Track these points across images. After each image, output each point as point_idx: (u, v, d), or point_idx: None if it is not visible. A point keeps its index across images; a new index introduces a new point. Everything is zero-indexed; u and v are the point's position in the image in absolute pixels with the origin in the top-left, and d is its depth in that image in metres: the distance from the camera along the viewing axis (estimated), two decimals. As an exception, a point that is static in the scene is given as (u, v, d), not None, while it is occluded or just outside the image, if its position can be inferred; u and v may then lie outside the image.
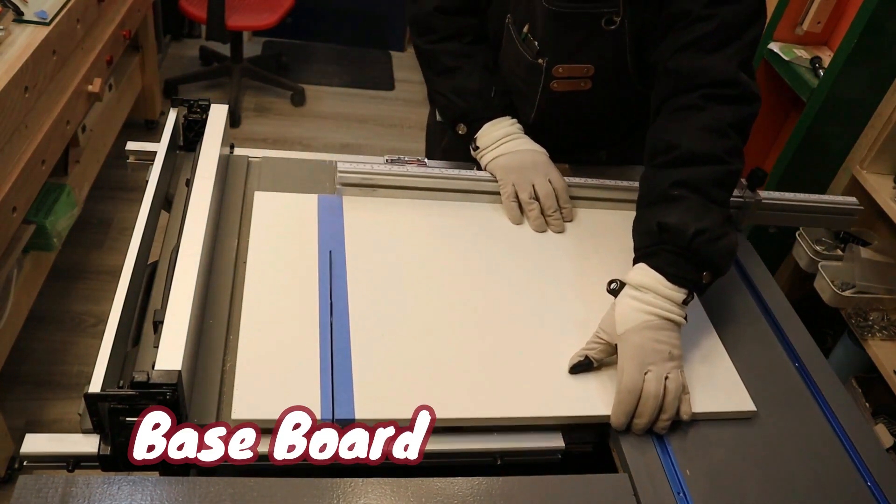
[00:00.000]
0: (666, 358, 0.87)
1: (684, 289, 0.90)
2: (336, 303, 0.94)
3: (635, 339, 0.88)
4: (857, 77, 1.73)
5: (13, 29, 1.64)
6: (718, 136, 0.95)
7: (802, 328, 1.07)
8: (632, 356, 0.87)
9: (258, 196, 1.09)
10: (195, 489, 0.72)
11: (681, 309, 0.91)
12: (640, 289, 0.91)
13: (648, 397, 0.85)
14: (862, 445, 0.90)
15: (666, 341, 0.88)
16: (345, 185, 1.11)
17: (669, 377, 0.86)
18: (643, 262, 0.93)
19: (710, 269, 0.92)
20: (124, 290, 0.85)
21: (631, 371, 0.86)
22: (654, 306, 0.89)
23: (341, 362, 0.86)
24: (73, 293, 2.24)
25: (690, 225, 0.90)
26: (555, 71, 1.14)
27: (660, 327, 0.89)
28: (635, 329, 0.88)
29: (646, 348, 0.87)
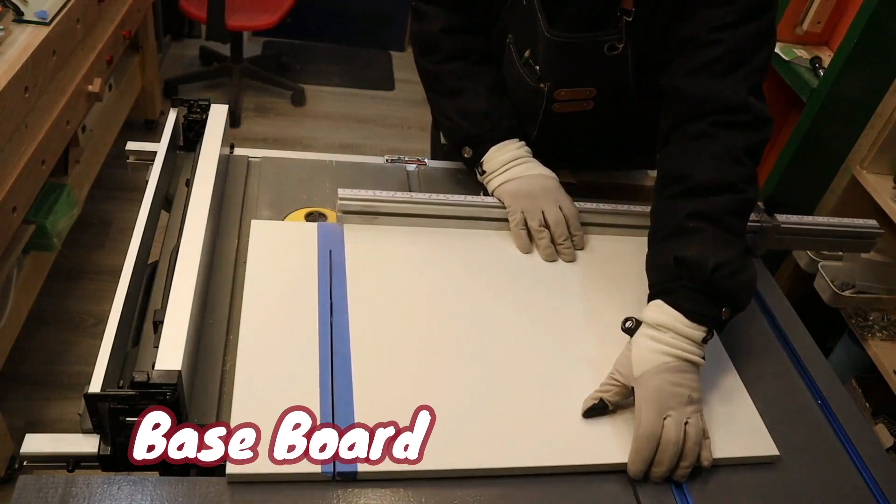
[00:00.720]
0: (685, 402, 0.83)
1: (704, 326, 0.86)
2: (337, 342, 0.88)
3: (653, 382, 0.83)
4: (857, 77, 1.73)
5: (13, 29, 1.64)
6: (732, 163, 0.92)
7: (802, 328, 1.07)
8: (650, 400, 0.82)
9: (255, 225, 1.03)
10: (195, 489, 0.72)
11: (700, 349, 0.86)
12: (658, 328, 0.86)
13: (668, 444, 0.80)
14: (862, 445, 0.90)
15: (685, 384, 0.84)
16: (346, 213, 1.06)
17: (689, 422, 0.82)
18: (660, 299, 0.89)
19: (730, 304, 0.88)
20: (124, 290, 0.85)
21: (649, 417, 0.81)
22: (673, 347, 0.85)
23: (343, 408, 0.81)
24: (73, 293, 2.24)
25: (709, 258, 0.86)
26: (557, 94, 1.12)
27: (679, 369, 0.84)
28: (653, 371, 0.83)
29: (664, 392, 0.82)
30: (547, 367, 0.91)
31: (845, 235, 1.19)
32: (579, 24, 1.04)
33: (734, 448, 0.85)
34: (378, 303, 0.95)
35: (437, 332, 0.93)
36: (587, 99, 1.13)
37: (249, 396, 0.80)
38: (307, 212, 1.11)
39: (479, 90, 1.13)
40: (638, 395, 0.83)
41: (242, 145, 1.25)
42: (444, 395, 0.84)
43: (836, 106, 1.79)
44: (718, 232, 0.89)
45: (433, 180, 1.24)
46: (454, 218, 1.09)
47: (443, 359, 0.89)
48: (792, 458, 0.87)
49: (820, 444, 0.90)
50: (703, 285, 0.87)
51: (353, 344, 0.88)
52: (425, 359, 0.89)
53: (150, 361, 0.77)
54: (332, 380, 0.84)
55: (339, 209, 1.05)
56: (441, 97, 1.16)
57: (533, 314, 0.98)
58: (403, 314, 0.94)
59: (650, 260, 0.95)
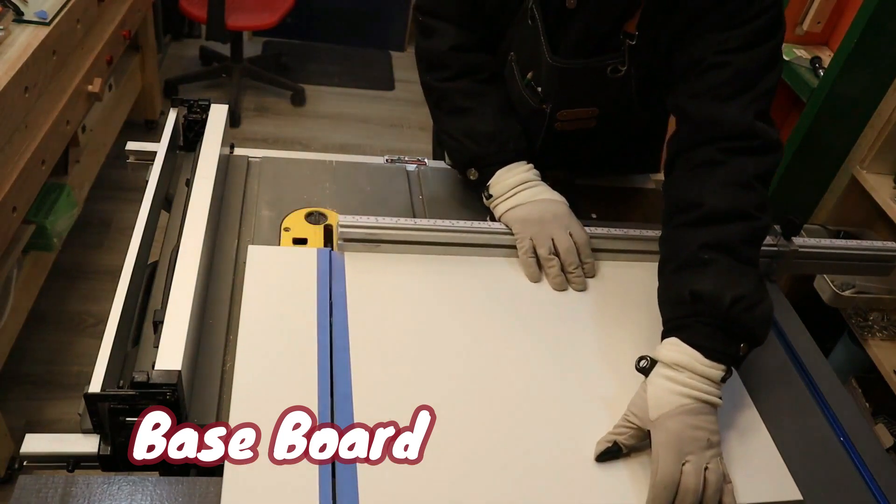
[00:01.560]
0: (705, 446, 0.79)
1: (722, 364, 0.83)
2: (338, 381, 0.84)
3: (671, 425, 0.79)
4: (857, 77, 1.73)
5: (13, 29, 1.64)
6: (743, 189, 0.89)
7: (802, 328, 1.07)
8: (668, 445, 0.78)
9: (252, 250, 0.99)
10: (195, 489, 0.72)
11: (718, 388, 0.83)
12: (675, 368, 0.83)
13: (688, 493, 0.77)
14: (862, 445, 0.90)
15: (704, 427, 0.80)
16: (347, 241, 1.01)
17: (709, 468, 0.78)
18: (675, 336, 0.85)
19: (748, 339, 0.85)
20: (124, 290, 0.85)
21: (667, 463, 0.77)
22: (691, 388, 0.81)
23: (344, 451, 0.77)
24: (73, 293, 2.24)
25: (726, 293, 0.83)
26: (559, 115, 1.11)
27: (697, 411, 0.80)
28: (671, 415, 0.80)
29: (683, 437, 0.79)
30: (558, 406, 0.86)
31: (864, 259, 1.15)
32: (582, 49, 1.02)
33: (755, 493, 0.81)
34: (380, 338, 0.90)
35: (443, 366, 0.88)
36: (589, 118, 1.12)
37: (248, 402, 0.80)
38: (307, 212, 1.11)
39: (487, 110, 1.10)
40: (655, 440, 0.80)
41: (242, 145, 1.25)
42: (449, 437, 0.80)
43: (836, 106, 1.79)
44: (734, 263, 0.86)
45: (433, 180, 1.24)
46: (460, 245, 1.04)
47: (447, 398, 0.84)
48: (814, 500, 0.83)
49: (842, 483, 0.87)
50: (721, 321, 0.83)
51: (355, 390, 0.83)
52: (430, 398, 0.84)
53: (150, 361, 0.77)
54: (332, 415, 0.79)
55: (340, 237, 1.01)
56: (447, 115, 1.12)
57: (543, 348, 0.93)
58: (407, 349, 0.90)
59: (662, 294, 0.92)
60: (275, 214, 1.10)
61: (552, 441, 0.82)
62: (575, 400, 0.87)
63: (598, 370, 0.92)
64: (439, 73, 1.12)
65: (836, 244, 1.14)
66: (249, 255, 0.98)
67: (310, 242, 1.05)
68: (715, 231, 0.88)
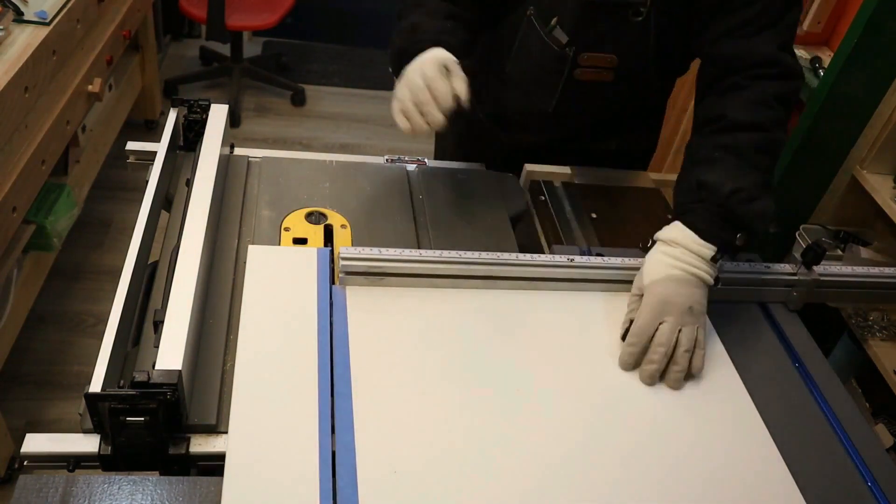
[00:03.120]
0: (685, 311, 0.89)
1: (714, 246, 0.92)
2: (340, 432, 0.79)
3: (657, 289, 0.90)
4: (857, 77, 1.73)
5: (13, 29, 1.64)
6: (763, 107, 0.98)
7: (802, 328, 1.07)
8: (649, 305, 0.89)
9: (252, 250, 0.97)
10: (195, 489, 0.72)
11: (709, 266, 0.92)
12: (670, 243, 0.93)
13: (658, 345, 0.87)
14: (862, 445, 0.90)
15: (687, 295, 0.90)
16: (348, 275, 0.96)
17: (682, 331, 0.88)
18: (678, 220, 0.96)
19: (745, 229, 0.93)
20: (124, 290, 0.85)
21: (645, 318, 0.89)
22: (681, 261, 0.91)
23: (344, 453, 0.76)
24: (73, 293, 2.24)
25: (727, 183, 0.92)
26: (580, 59, 1.16)
27: (684, 281, 0.91)
28: (659, 280, 0.91)
29: (666, 300, 0.89)
30: (575, 453, 0.81)
31: (888, 287, 1.10)
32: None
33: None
34: (384, 378, 0.85)
35: (453, 413, 0.83)
36: (608, 68, 1.17)
37: (248, 402, 0.80)
38: (307, 212, 1.11)
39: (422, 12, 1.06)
40: (643, 301, 0.91)
41: (242, 145, 1.25)
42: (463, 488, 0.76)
43: (836, 106, 1.78)
44: (741, 163, 0.95)
45: (433, 180, 1.24)
46: (466, 277, 0.98)
47: (459, 444, 0.80)
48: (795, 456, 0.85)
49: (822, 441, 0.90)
50: (719, 207, 0.92)
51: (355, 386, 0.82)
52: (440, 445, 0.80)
53: (151, 361, 0.77)
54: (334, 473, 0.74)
55: (341, 270, 0.96)
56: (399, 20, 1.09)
57: (560, 384, 0.89)
58: (413, 391, 0.85)
59: (676, 184, 1.01)
60: (275, 214, 1.10)
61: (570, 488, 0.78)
62: (596, 447, 0.82)
63: (623, 416, 0.87)
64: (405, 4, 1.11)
65: (857, 272, 1.09)
66: (249, 255, 0.98)
67: (310, 242, 1.05)
68: (730, 136, 0.97)
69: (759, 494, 0.81)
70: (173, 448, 0.76)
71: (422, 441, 0.79)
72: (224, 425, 0.78)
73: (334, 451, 0.77)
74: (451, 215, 1.16)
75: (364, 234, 1.09)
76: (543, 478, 0.78)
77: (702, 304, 0.92)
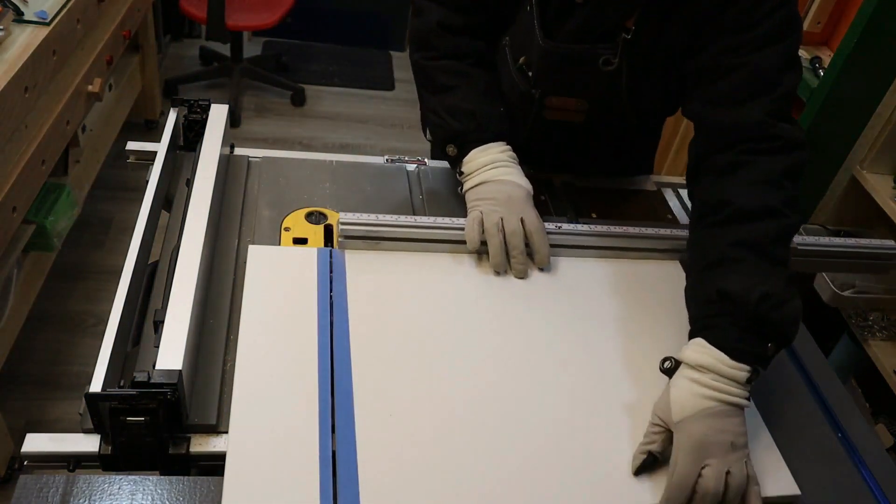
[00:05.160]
0: (728, 450, 0.78)
1: (748, 365, 0.81)
2: (339, 380, 0.83)
3: (693, 429, 0.78)
4: (857, 77, 1.73)
5: (13, 29, 1.64)
6: (772, 187, 0.88)
7: (803, 328, 1.07)
8: (688, 449, 0.77)
9: (252, 250, 0.98)
10: (195, 489, 0.72)
11: (744, 390, 0.81)
12: (699, 369, 0.81)
13: (706, 496, 0.76)
14: (862, 445, 0.90)
15: (728, 430, 0.79)
16: (347, 238, 1.01)
17: (731, 472, 0.77)
18: (700, 336, 0.84)
19: (776, 338, 0.83)
20: (124, 290, 0.85)
21: (685, 465, 0.77)
22: (716, 390, 0.80)
23: (344, 452, 0.77)
24: (73, 293, 2.24)
25: (754, 290, 0.82)
26: (547, 102, 1.12)
27: (721, 414, 0.79)
28: (693, 418, 0.79)
29: (706, 441, 0.77)
30: (568, 407, 0.86)
31: (863, 257, 1.15)
32: (579, 37, 1.03)
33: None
34: (381, 337, 0.89)
35: (450, 370, 0.87)
36: (578, 111, 1.13)
37: (248, 402, 0.80)
38: (307, 212, 1.11)
39: (470, 90, 1.10)
40: (676, 443, 0.79)
41: (242, 145, 1.25)
42: (457, 441, 0.80)
43: (836, 106, 1.78)
44: (762, 261, 0.85)
45: (433, 180, 1.24)
46: (461, 242, 1.03)
47: (455, 401, 0.84)
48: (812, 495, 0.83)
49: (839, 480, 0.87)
50: (748, 319, 0.82)
51: (356, 390, 0.83)
52: (436, 400, 0.84)
53: (151, 361, 0.77)
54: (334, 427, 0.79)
55: (340, 234, 1.01)
56: (431, 94, 1.13)
57: (555, 348, 0.92)
58: (408, 348, 0.89)
59: (690, 292, 0.91)
60: (275, 214, 1.10)
61: (564, 442, 0.82)
62: (587, 400, 0.87)
63: (612, 369, 0.91)
64: (426, 53, 1.13)
65: (834, 242, 1.15)
66: (250, 254, 0.98)
67: (310, 242, 1.05)
68: (743, 229, 0.87)
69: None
70: (173, 448, 0.76)
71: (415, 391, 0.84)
72: (224, 425, 0.78)
73: (334, 450, 0.77)
74: (451, 215, 1.15)
75: (364, 234, 1.08)
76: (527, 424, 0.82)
77: (743, 433, 0.80)
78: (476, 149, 1.08)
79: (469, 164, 1.08)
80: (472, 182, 1.07)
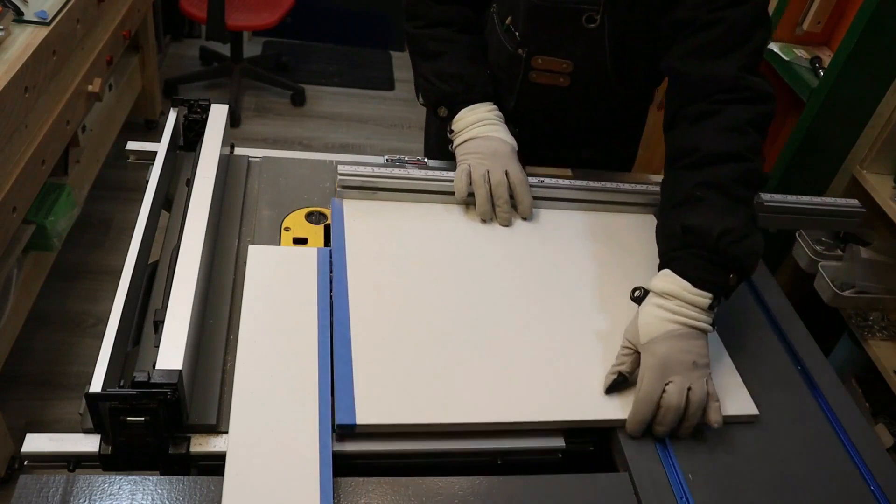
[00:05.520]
0: (690, 368, 0.85)
1: (710, 293, 0.88)
2: (337, 308, 0.92)
3: (658, 349, 0.86)
4: (857, 77, 1.73)
5: (13, 29, 1.64)
6: (737, 134, 0.95)
7: (802, 328, 1.07)
8: (653, 367, 0.85)
9: (252, 250, 1.00)
10: (196, 489, 0.72)
11: (707, 315, 0.88)
12: (664, 296, 0.89)
13: (669, 409, 0.83)
14: (862, 445, 0.90)
15: (691, 350, 0.86)
16: (345, 188, 1.10)
17: (693, 388, 0.84)
18: (667, 268, 0.91)
19: (737, 270, 0.90)
20: (124, 290, 0.85)
21: (650, 381, 0.84)
22: (679, 314, 0.87)
23: (342, 369, 0.84)
24: (73, 293, 2.24)
25: (715, 225, 0.88)
26: (533, 62, 1.17)
27: (684, 336, 0.86)
28: (660, 339, 0.86)
29: (669, 359, 0.85)
30: (542, 332, 0.94)
31: (827, 214, 1.24)
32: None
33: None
34: (378, 275, 0.98)
35: (437, 300, 0.96)
36: (563, 73, 1.17)
37: (248, 402, 0.80)
38: (307, 212, 1.11)
39: (457, 55, 1.18)
40: (643, 363, 0.86)
41: (242, 145, 1.25)
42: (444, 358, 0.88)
43: (836, 106, 1.79)
44: (725, 200, 0.91)
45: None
46: (450, 193, 1.12)
47: (443, 325, 0.92)
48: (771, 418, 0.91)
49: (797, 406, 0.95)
50: (710, 252, 0.89)
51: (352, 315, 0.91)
52: (426, 324, 0.92)
53: (151, 361, 0.77)
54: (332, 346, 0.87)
55: (339, 184, 1.10)
56: (422, 60, 1.20)
57: (530, 284, 1.01)
58: (403, 284, 0.97)
59: (659, 229, 0.98)
60: (275, 214, 1.10)
61: (538, 360, 0.91)
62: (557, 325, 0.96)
63: (581, 302, 1.00)
64: (417, 22, 1.21)
65: (801, 200, 1.23)
66: (250, 254, 0.98)
67: (310, 242, 1.05)
68: (709, 171, 0.93)
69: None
70: (173, 448, 0.76)
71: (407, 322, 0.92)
72: (224, 425, 0.78)
73: (335, 452, 0.77)
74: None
75: (364, 234, 1.09)
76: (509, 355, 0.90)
77: (705, 354, 0.88)
78: (464, 108, 1.16)
79: (458, 122, 1.16)
80: (461, 138, 1.15)
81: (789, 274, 2.02)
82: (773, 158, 2.10)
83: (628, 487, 0.81)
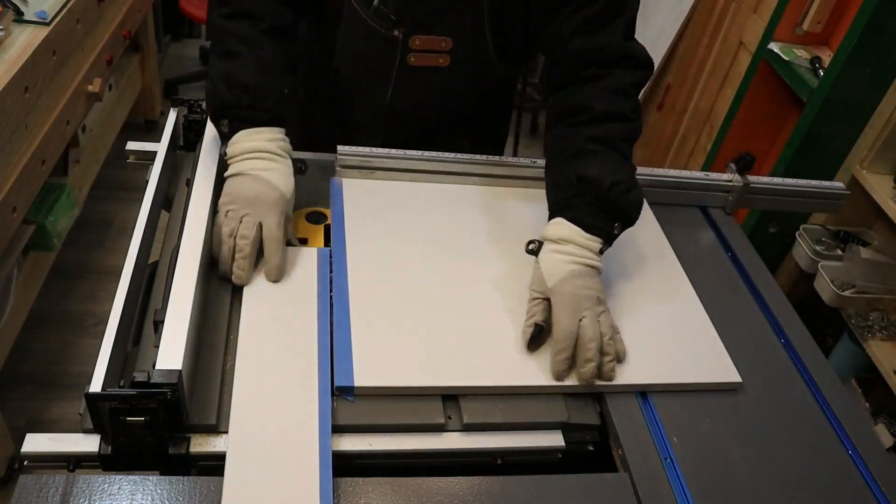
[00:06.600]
0: (595, 302, 0.92)
1: (599, 238, 0.96)
2: (336, 277, 0.96)
3: (566, 288, 0.91)
4: (857, 77, 1.73)
5: (13, 29, 1.64)
6: (624, 96, 1.02)
7: (802, 328, 1.07)
8: (565, 305, 0.90)
9: None
10: (196, 489, 0.72)
11: (599, 257, 0.96)
12: (560, 241, 0.95)
13: (589, 341, 0.88)
14: (862, 445, 0.90)
15: (593, 287, 0.93)
16: (344, 168, 1.14)
17: (601, 320, 0.91)
18: (559, 216, 0.97)
19: (622, 219, 0.98)
20: (124, 290, 0.85)
21: (566, 319, 0.89)
22: (577, 256, 0.94)
23: (341, 335, 0.88)
24: (73, 293, 2.24)
25: (606, 177, 0.95)
26: (411, 42, 1.10)
27: (586, 274, 0.93)
28: (565, 279, 0.92)
29: (578, 296, 0.91)
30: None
31: (812, 196, 1.27)
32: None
33: (700, 375, 0.94)
34: (376, 250, 1.01)
35: (431, 273, 1.00)
36: (443, 52, 1.12)
37: (248, 402, 0.80)
38: (307, 212, 1.11)
39: (252, 60, 0.99)
40: (554, 303, 0.91)
41: (242, 145, 1.25)
42: (440, 326, 0.92)
43: (836, 106, 1.79)
44: (614, 154, 0.99)
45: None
46: (444, 174, 1.17)
47: (437, 296, 0.96)
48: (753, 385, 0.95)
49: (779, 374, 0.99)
50: (601, 201, 0.95)
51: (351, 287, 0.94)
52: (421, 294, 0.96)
53: (151, 361, 0.77)
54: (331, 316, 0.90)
55: (338, 164, 1.13)
56: (217, 58, 1.02)
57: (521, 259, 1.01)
58: (399, 258, 1.01)
59: (552, 179, 1.03)
60: (275, 214, 1.09)
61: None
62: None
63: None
64: (223, 9, 1.02)
65: (786, 182, 1.26)
66: None
67: (310, 242, 1.05)
68: (600, 128, 1.00)
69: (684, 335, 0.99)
70: (173, 448, 0.76)
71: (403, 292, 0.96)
72: (224, 425, 0.78)
73: (335, 452, 0.77)
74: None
75: (364, 234, 1.09)
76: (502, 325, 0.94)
77: (604, 291, 0.95)
78: (243, 131, 0.98)
79: (232, 147, 0.98)
80: (230, 171, 0.98)
81: (789, 274, 2.02)
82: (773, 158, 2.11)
83: (628, 487, 0.81)
